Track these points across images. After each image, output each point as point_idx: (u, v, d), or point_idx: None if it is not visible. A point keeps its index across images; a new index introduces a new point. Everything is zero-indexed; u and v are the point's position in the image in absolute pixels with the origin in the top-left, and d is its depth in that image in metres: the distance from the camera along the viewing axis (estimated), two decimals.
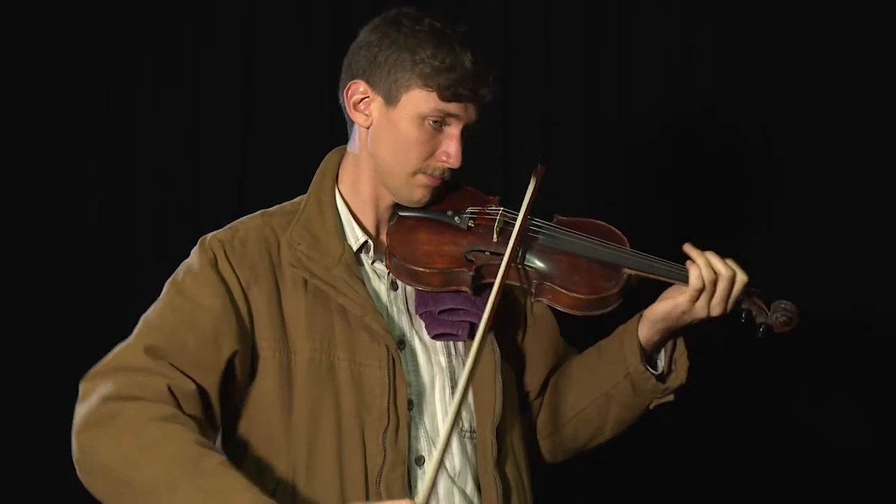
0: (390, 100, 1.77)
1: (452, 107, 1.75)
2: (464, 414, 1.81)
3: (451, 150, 1.77)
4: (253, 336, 1.74)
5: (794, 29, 2.91)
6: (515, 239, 1.78)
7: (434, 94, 1.74)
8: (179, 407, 1.64)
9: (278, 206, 1.89)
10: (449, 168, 1.79)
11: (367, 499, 1.69)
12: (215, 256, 1.76)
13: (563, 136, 2.88)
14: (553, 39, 2.89)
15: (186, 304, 1.72)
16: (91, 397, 1.65)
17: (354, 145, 1.85)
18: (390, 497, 1.67)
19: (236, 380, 1.72)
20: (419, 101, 1.75)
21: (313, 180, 1.88)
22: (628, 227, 1.91)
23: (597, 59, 2.89)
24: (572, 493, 2.70)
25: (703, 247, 1.82)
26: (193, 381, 1.67)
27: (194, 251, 1.79)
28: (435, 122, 1.76)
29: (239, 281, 1.74)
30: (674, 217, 2.84)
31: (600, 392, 1.91)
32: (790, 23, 2.91)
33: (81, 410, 1.66)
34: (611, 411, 1.92)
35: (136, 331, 1.72)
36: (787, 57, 2.91)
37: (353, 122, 1.85)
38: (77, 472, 1.66)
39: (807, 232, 2.88)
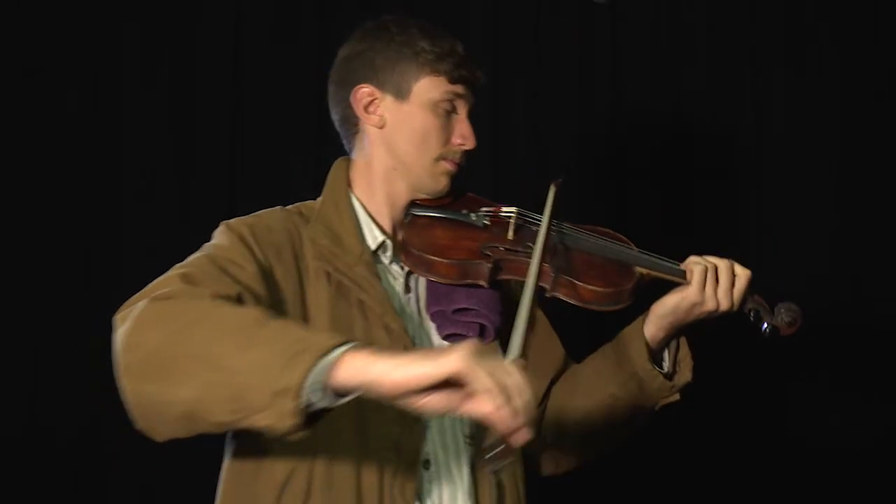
0: (401, 94, 1.85)
1: (459, 88, 1.86)
2: (464, 419, 1.80)
3: (465, 131, 1.87)
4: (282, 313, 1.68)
5: (784, 26, 2.94)
6: (544, 236, 1.81)
7: (443, 79, 1.85)
8: None
9: (293, 205, 1.90)
10: (465, 151, 1.88)
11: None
12: (242, 235, 1.74)
13: (555, 131, 2.88)
14: (543, 35, 2.90)
15: (220, 256, 1.66)
16: (131, 314, 1.51)
17: (363, 152, 1.89)
18: (405, 501, 1.67)
19: None
20: (430, 87, 1.85)
21: (325, 188, 1.90)
22: (622, 225, 1.98)
23: (590, 56, 2.91)
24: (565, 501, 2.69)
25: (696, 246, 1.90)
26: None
27: (219, 232, 1.76)
28: (446, 108, 1.85)
29: (266, 260, 1.72)
30: (666, 217, 2.86)
31: (606, 393, 1.91)
32: (781, 21, 2.93)
33: (122, 330, 1.51)
34: (616, 413, 1.92)
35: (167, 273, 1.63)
36: (778, 54, 2.94)
37: (355, 132, 1.89)
38: (129, 392, 1.48)
39: (799, 231, 2.89)
